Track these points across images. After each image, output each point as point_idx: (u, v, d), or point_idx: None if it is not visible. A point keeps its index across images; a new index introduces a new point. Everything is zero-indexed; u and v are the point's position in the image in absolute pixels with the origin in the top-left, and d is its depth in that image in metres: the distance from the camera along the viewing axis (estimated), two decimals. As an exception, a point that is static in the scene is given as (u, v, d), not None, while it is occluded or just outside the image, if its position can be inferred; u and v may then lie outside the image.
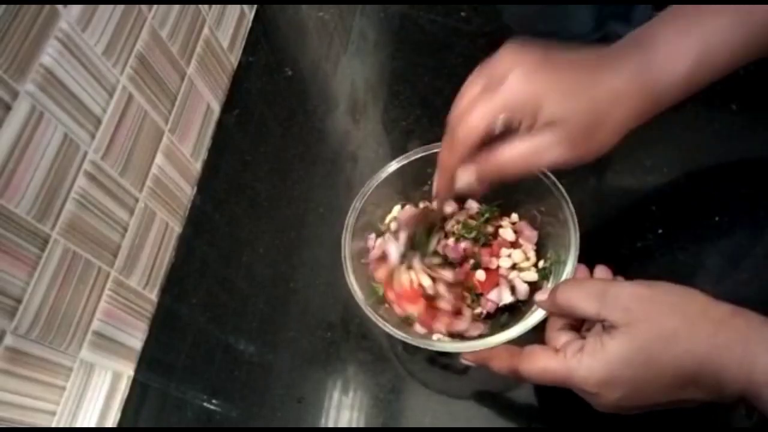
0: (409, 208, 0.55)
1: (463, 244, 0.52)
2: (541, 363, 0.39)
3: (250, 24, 0.79)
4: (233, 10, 0.75)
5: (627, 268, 0.53)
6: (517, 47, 0.40)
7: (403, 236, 0.52)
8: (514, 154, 0.40)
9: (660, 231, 0.55)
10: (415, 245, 0.52)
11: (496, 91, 0.39)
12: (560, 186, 0.48)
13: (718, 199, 0.56)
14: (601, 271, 0.45)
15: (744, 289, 0.51)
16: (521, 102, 0.38)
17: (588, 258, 0.46)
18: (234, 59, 0.76)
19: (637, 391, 0.36)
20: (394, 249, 0.51)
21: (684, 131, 0.60)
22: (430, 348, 0.45)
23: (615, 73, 0.39)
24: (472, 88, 0.41)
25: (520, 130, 0.39)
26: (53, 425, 0.48)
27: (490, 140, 0.40)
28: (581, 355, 0.37)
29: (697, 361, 0.34)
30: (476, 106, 0.39)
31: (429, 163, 0.53)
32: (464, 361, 0.45)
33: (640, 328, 0.35)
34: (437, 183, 0.44)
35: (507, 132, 0.40)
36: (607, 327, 0.37)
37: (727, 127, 0.59)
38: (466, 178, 0.42)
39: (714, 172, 0.58)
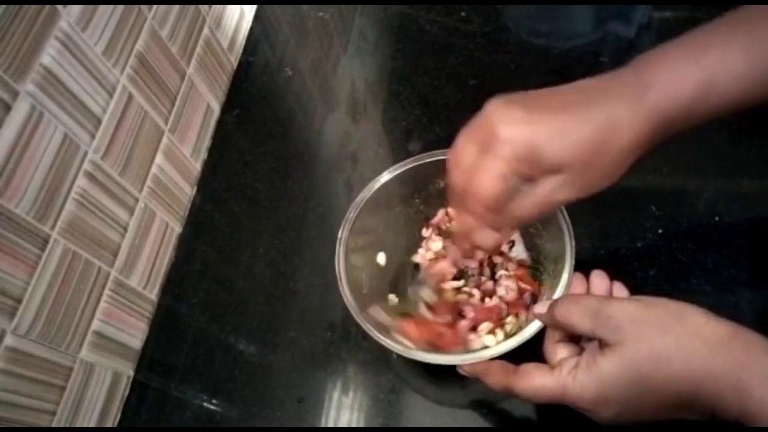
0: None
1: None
2: (536, 381, 0.39)
3: (250, 24, 0.79)
4: (233, 10, 0.75)
5: (627, 268, 0.53)
6: (501, 100, 0.39)
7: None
8: (527, 207, 0.39)
9: (660, 231, 0.55)
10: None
11: (491, 152, 0.38)
12: None
13: (718, 199, 0.56)
14: (598, 278, 0.45)
15: (744, 290, 0.51)
16: (519, 157, 0.37)
17: (589, 258, 0.46)
18: (234, 59, 0.76)
19: (630, 409, 0.36)
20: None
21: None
22: (425, 361, 0.45)
23: (612, 101, 0.38)
24: (465, 150, 0.40)
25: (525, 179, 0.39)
26: (53, 425, 0.48)
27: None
28: (576, 371, 0.37)
29: (690, 386, 0.34)
30: (479, 172, 0.38)
31: (423, 171, 0.52)
32: (461, 371, 0.45)
33: (631, 348, 0.35)
34: (456, 247, 0.45)
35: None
36: (602, 344, 0.37)
37: (727, 128, 0.59)
38: (486, 240, 0.42)
39: (714, 172, 0.58)
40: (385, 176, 0.52)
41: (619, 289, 0.44)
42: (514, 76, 0.67)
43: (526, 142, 0.37)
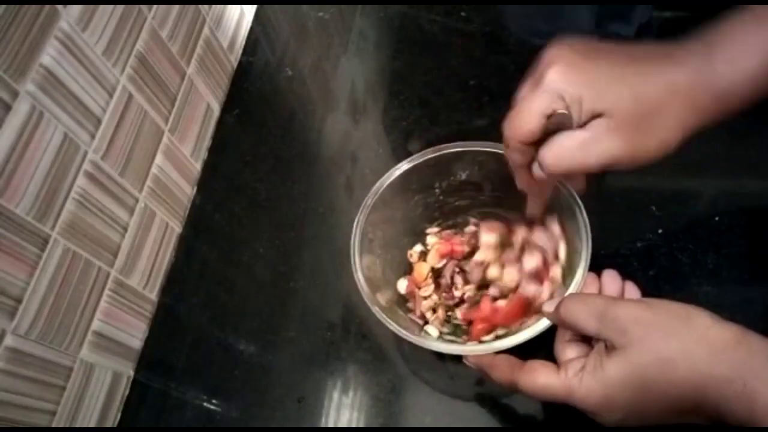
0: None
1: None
2: (541, 380, 0.39)
3: (250, 24, 0.79)
4: (233, 10, 0.75)
5: (627, 268, 0.53)
6: (560, 44, 0.40)
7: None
8: (561, 149, 0.38)
9: (660, 231, 0.55)
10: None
11: (537, 88, 0.38)
12: (574, 193, 0.48)
13: (718, 199, 0.56)
14: (610, 277, 0.45)
15: (744, 290, 0.51)
16: (561, 95, 0.37)
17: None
18: (234, 59, 0.76)
19: (635, 413, 0.36)
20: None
21: (684, 131, 0.60)
22: (435, 349, 0.45)
23: (673, 65, 0.38)
24: (521, 90, 0.41)
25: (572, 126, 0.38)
26: (53, 425, 0.48)
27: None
28: (582, 374, 0.37)
29: (695, 391, 0.33)
30: (521, 105, 0.39)
31: (441, 163, 0.52)
32: (467, 362, 0.45)
33: (636, 351, 0.35)
34: (521, 183, 0.45)
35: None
36: (609, 346, 0.37)
37: (727, 127, 0.59)
38: (535, 208, 0.44)
39: (714, 172, 0.58)
40: (406, 165, 0.52)
41: (631, 290, 0.44)
42: (514, 76, 0.66)
43: (570, 82, 0.37)
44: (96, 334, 0.53)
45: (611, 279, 0.45)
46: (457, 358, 0.47)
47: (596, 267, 0.46)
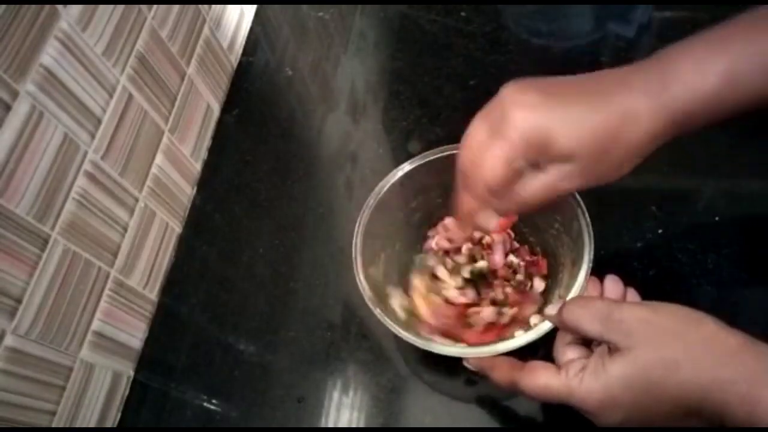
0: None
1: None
2: (542, 380, 0.39)
3: (250, 24, 0.79)
4: (233, 10, 0.75)
5: (627, 268, 0.53)
6: (517, 83, 0.39)
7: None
8: (532, 191, 0.39)
9: (660, 231, 0.55)
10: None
11: (501, 135, 0.38)
12: (578, 196, 0.48)
13: (718, 199, 0.56)
14: (612, 282, 0.45)
15: (744, 290, 0.51)
16: (528, 142, 0.37)
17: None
18: (234, 59, 0.76)
19: (637, 415, 0.36)
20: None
21: (684, 131, 0.60)
22: (435, 351, 0.45)
23: (628, 91, 0.37)
24: (477, 131, 0.40)
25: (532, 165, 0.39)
26: (53, 425, 0.48)
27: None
28: (583, 374, 0.37)
29: (698, 394, 0.33)
30: (485, 153, 0.39)
31: (444, 164, 0.52)
32: (467, 365, 0.45)
33: (641, 353, 0.35)
34: (458, 227, 0.46)
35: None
36: (612, 348, 0.37)
37: (727, 127, 0.59)
38: (488, 222, 0.43)
39: (714, 172, 0.58)
40: (408, 165, 0.52)
41: (633, 296, 0.44)
42: (514, 76, 0.66)
43: (537, 127, 0.37)
44: (96, 334, 0.53)
45: (613, 284, 0.45)
46: (458, 359, 0.47)
47: (596, 267, 0.46)
